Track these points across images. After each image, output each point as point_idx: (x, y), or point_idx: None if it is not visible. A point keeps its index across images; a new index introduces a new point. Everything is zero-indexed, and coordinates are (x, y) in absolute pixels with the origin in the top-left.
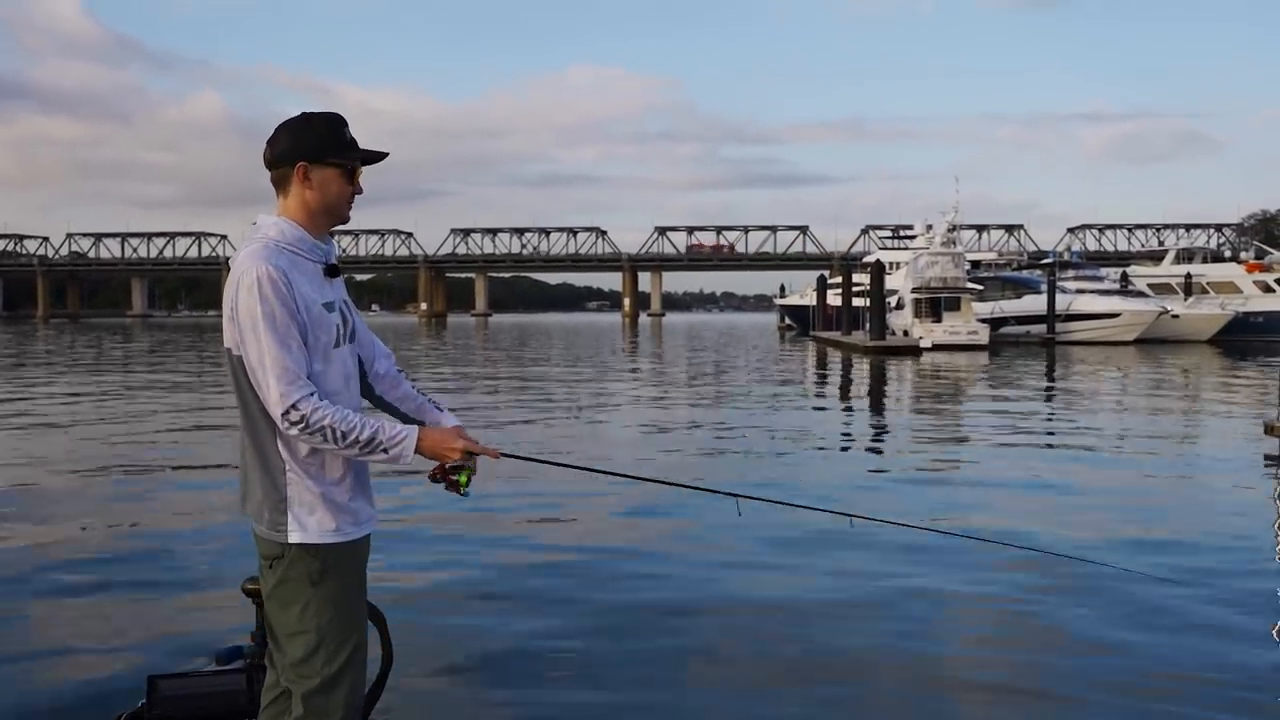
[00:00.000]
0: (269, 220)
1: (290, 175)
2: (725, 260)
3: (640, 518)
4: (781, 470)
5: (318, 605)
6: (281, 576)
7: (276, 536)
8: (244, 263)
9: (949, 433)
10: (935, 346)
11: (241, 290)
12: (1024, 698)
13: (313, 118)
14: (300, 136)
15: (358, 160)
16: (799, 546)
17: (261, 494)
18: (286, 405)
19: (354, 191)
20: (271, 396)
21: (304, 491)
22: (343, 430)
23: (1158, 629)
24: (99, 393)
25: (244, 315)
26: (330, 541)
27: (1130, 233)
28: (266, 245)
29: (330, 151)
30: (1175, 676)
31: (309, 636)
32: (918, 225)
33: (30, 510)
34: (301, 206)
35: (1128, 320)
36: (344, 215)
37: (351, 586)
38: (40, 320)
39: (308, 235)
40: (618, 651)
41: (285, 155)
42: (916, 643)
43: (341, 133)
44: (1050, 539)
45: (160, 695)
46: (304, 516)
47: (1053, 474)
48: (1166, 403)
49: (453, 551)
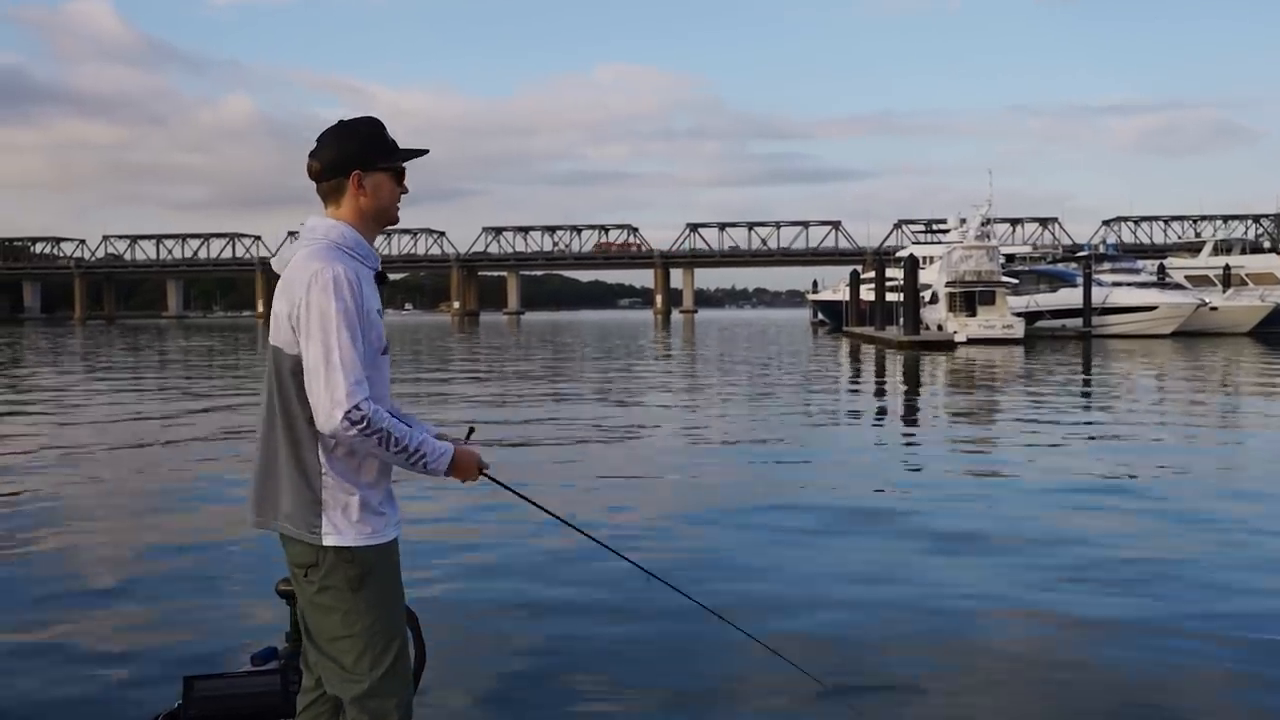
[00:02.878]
0: (328, 223)
1: (345, 185)
2: (759, 256)
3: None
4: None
5: (360, 610)
6: (321, 584)
7: (311, 539)
8: (313, 261)
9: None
10: (970, 341)
11: (315, 288)
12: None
13: (357, 125)
14: (350, 145)
15: (404, 162)
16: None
17: (295, 498)
18: (351, 404)
19: (402, 192)
20: (336, 394)
21: (340, 495)
22: (396, 436)
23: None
24: (138, 391)
25: (315, 312)
26: (367, 544)
27: (1166, 224)
28: (332, 247)
29: (380, 157)
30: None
31: (354, 641)
32: (951, 219)
33: (64, 511)
34: (356, 213)
35: (1165, 313)
36: (395, 217)
37: (390, 587)
38: (77, 322)
39: (364, 240)
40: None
41: (338, 165)
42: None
43: (386, 137)
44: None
45: (196, 695)
46: (339, 520)
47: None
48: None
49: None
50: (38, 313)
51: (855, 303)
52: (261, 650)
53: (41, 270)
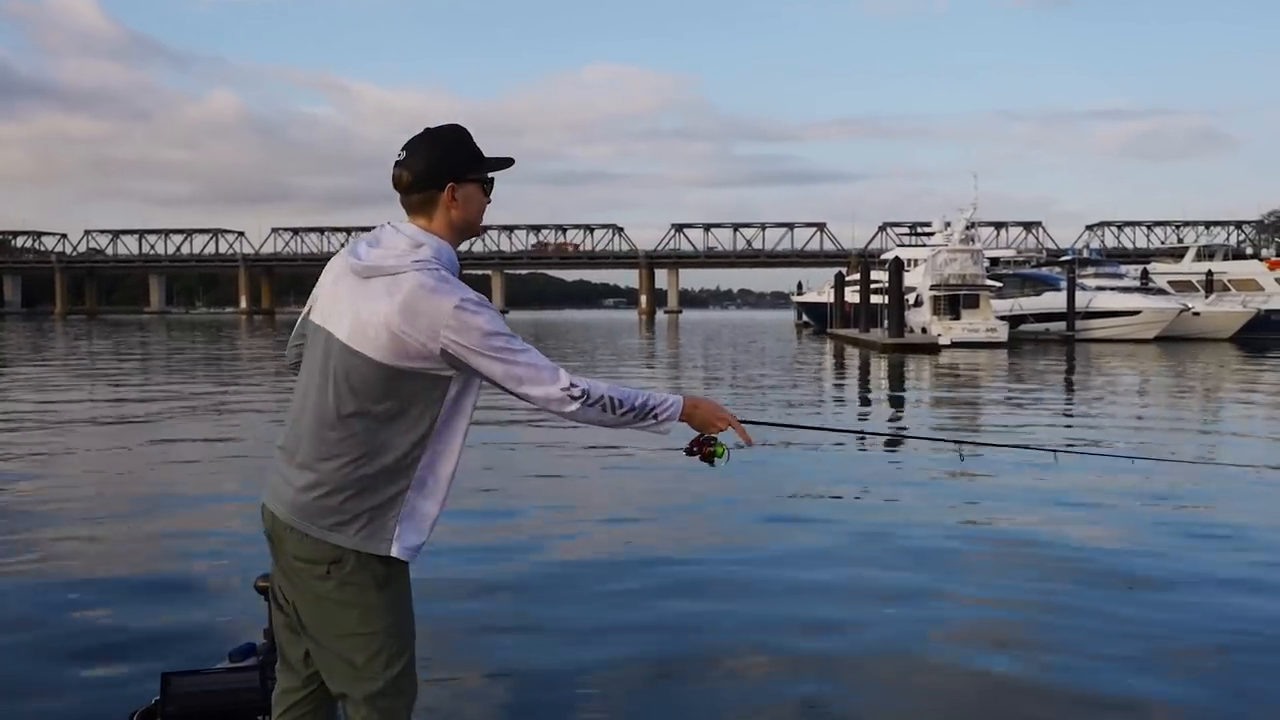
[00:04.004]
0: (435, 241)
1: (437, 197)
2: (744, 257)
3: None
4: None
5: (382, 608)
6: (343, 580)
7: (376, 549)
8: (446, 288)
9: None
10: (954, 344)
11: (467, 316)
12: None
13: (447, 134)
14: (445, 155)
15: (491, 172)
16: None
17: (366, 508)
18: (566, 383)
19: (488, 202)
20: (548, 386)
21: (418, 508)
22: (618, 398)
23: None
24: (121, 389)
25: (477, 335)
26: (410, 557)
27: (1149, 230)
28: (447, 271)
29: (472, 168)
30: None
31: (371, 639)
32: (936, 222)
33: (43, 506)
34: (448, 225)
35: (1148, 318)
36: (479, 229)
37: (407, 591)
38: (58, 316)
39: (456, 258)
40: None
41: (434, 176)
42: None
43: (474, 146)
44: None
45: (173, 692)
46: (408, 533)
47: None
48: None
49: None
50: (18, 307)
51: (840, 305)
52: (240, 646)
53: (22, 264)
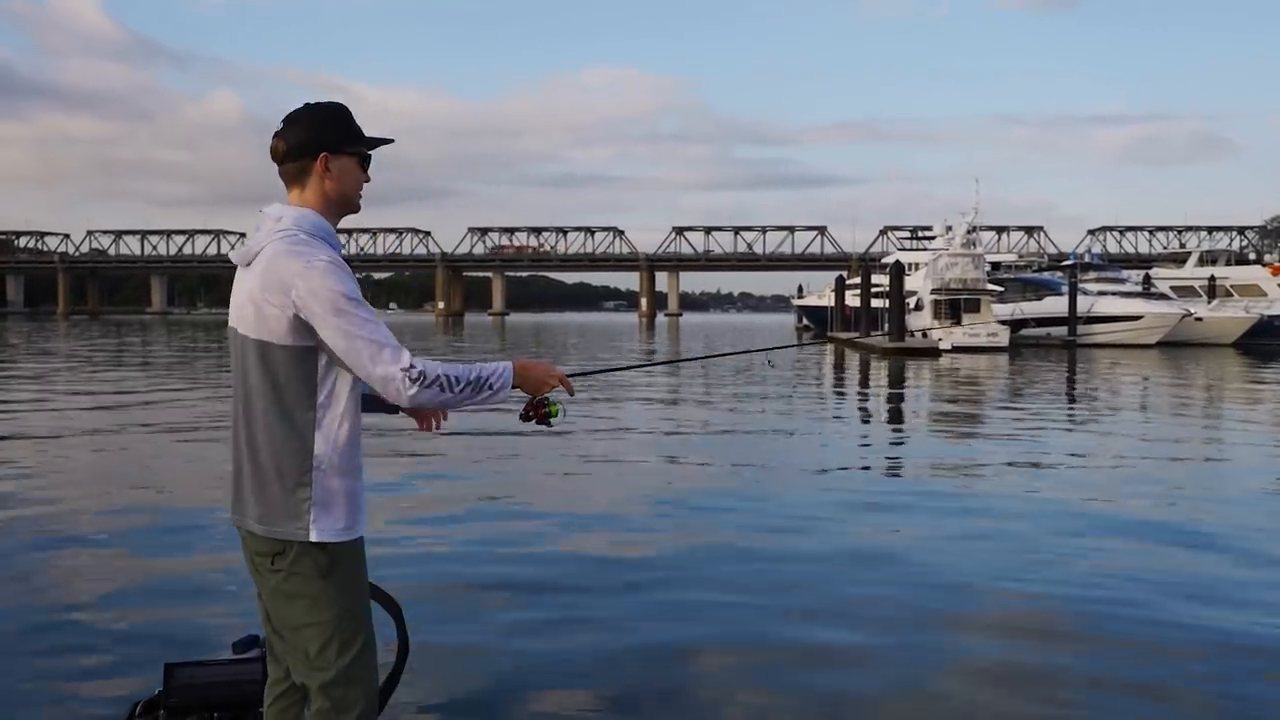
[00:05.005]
0: (296, 212)
1: (310, 167)
2: (744, 260)
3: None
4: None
5: (329, 597)
6: (289, 571)
7: (295, 535)
8: (301, 251)
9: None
10: (955, 348)
11: (320, 276)
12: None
13: (325, 108)
14: (318, 127)
15: (370, 149)
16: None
17: (280, 492)
18: (406, 363)
19: (365, 180)
20: (387, 364)
21: (331, 489)
22: (454, 376)
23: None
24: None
25: (324, 299)
26: (342, 540)
27: (1151, 235)
28: (311, 235)
29: (348, 141)
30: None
31: (321, 629)
32: (937, 226)
33: (47, 499)
34: (321, 197)
35: (1150, 323)
36: (357, 205)
37: (358, 577)
38: (61, 317)
39: (332, 228)
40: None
41: (306, 147)
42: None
43: (353, 122)
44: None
45: (177, 683)
46: (324, 515)
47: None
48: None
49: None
50: (21, 307)
51: (840, 308)
52: (243, 638)
53: (25, 264)
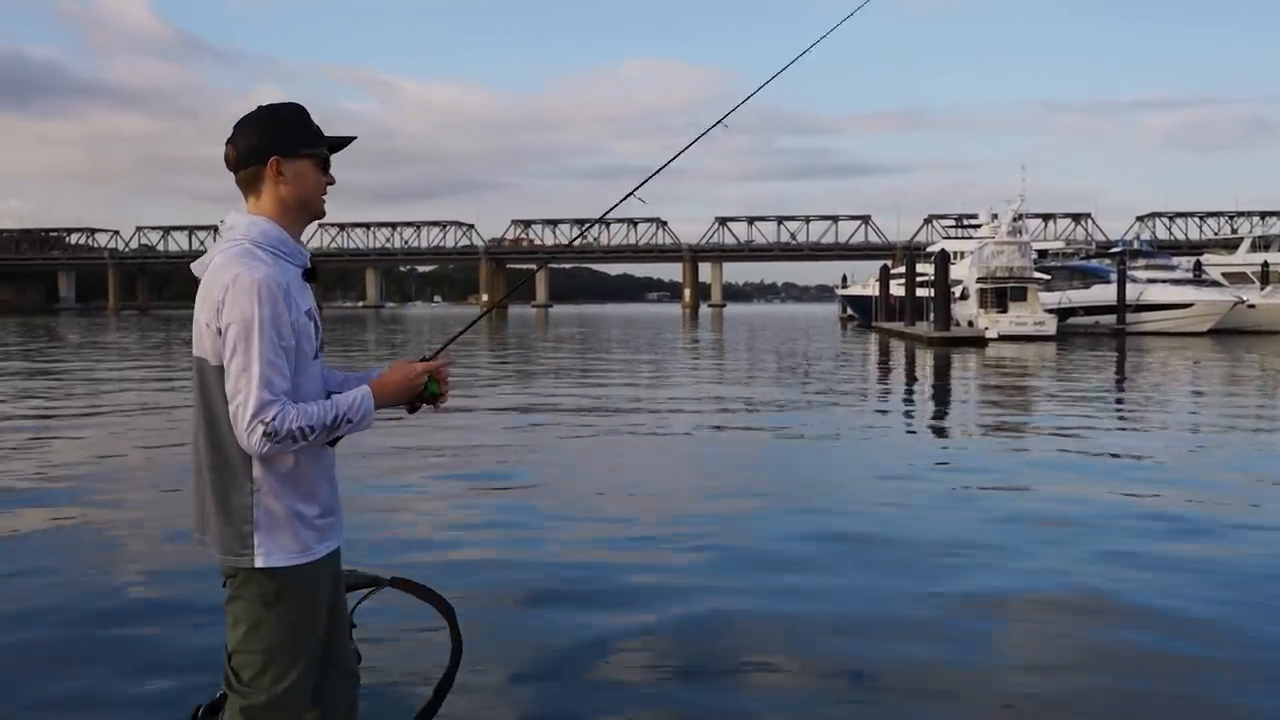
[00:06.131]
0: (246, 219)
1: (262, 173)
2: (787, 250)
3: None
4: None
5: (269, 627)
6: (233, 594)
7: (241, 562)
8: (233, 265)
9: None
10: (1001, 337)
11: (238, 295)
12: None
13: (277, 109)
14: (268, 131)
15: (328, 148)
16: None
17: (224, 517)
18: (264, 415)
19: (328, 182)
20: (249, 407)
21: (274, 512)
22: (310, 425)
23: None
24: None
25: (238, 320)
26: (292, 564)
27: (1202, 221)
28: (253, 248)
29: (301, 143)
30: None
31: (255, 658)
32: (982, 214)
33: (107, 498)
34: (277, 204)
35: (1201, 310)
36: (319, 209)
37: (309, 605)
38: (111, 312)
39: (289, 237)
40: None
41: (255, 152)
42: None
43: (309, 122)
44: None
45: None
46: (268, 539)
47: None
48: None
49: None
50: (72, 302)
51: (885, 298)
52: None
53: (76, 260)
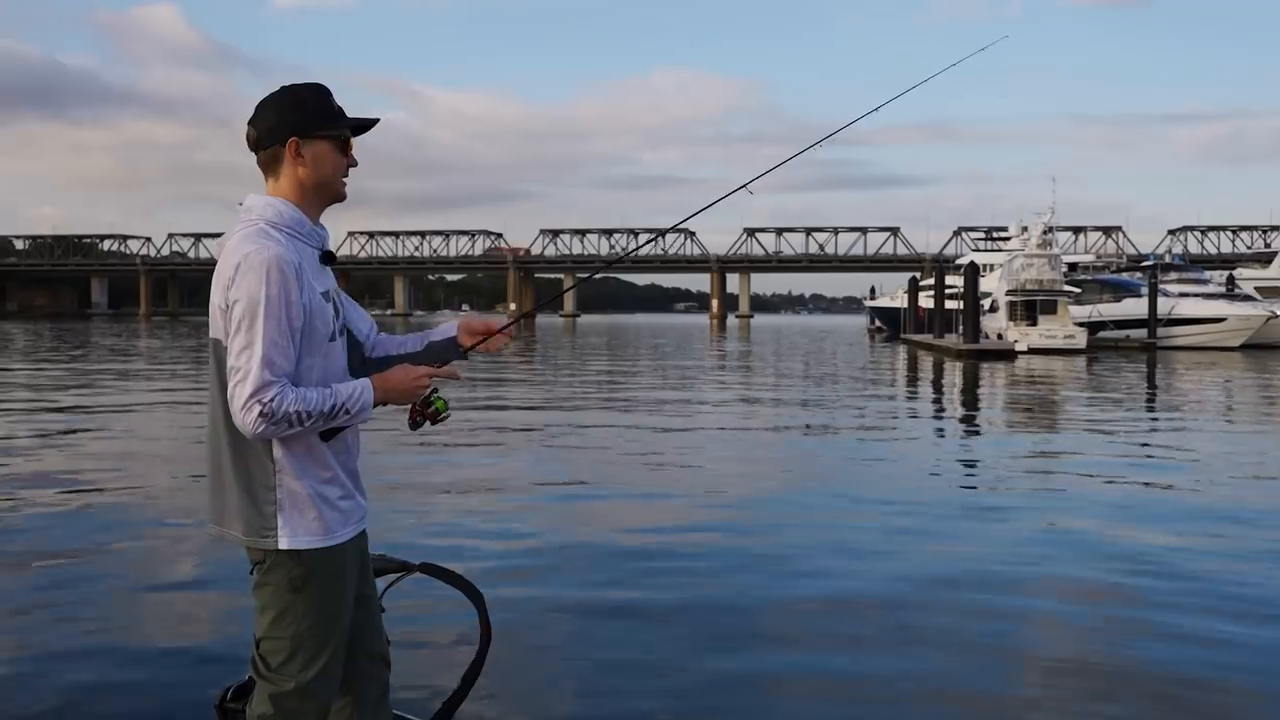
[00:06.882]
0: (263, 200)
1: (281, 154)
2: (816, 261)
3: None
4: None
5: (297, 613)
6: (260, 580)
7: (265, 544)
8: (245, 245)
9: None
10: (1031, 350)
11: (247, 272)
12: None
13: (298, 90)
14: (288, 111)
15: (349, 130)
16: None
17: (246, 499)
18: (263, 395)
19: (348, 164)
20: (248, 385)
21: (297, 492)
22: (305, 410)
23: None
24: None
25: (245, 297)
26: (318, 546)
27: (1235, 234)
28: (268, 227)
29: (321, 123)
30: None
31: (284, 644)
32: (1012, 227)
33: (136, 481)
34: (295, 186)
35: (1234, 325)
36: (340, 191)
37: (336, 590)
38: (143, 318)
39: (305, 218)
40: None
41: (274, 132)
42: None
43: (330, 102)
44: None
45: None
46: (295, 520)
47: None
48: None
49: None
50: (105, 308)
51: (914, 310)
52: None
53: (109, 267)
